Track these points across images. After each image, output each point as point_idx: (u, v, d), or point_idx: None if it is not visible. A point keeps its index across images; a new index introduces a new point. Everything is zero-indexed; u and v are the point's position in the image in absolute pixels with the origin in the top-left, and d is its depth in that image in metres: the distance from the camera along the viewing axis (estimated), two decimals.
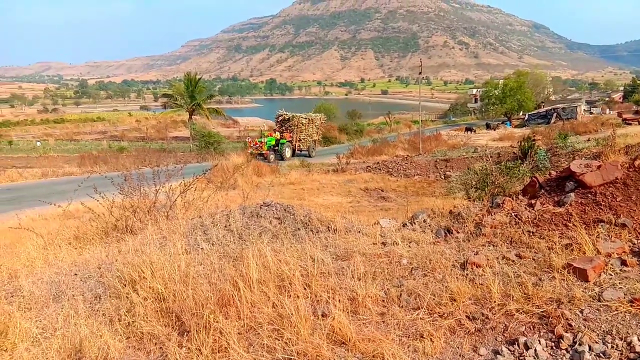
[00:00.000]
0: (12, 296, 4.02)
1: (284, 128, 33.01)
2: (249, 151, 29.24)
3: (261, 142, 30.34)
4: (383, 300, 3.60)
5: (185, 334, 3.25)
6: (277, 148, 31.01)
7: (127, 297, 3.76)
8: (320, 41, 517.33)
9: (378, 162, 23.50)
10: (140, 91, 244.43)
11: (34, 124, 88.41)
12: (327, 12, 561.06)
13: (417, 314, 3.36)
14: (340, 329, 3.13)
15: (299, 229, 5.48)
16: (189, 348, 3.07)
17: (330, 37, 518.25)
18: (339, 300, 3.44)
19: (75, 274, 4.39)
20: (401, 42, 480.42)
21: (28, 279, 4.28)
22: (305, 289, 3.77)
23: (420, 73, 45.76)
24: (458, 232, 4.95)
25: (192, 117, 48.36)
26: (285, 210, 5.96)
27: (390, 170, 20.63)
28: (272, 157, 29.45)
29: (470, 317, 3.30)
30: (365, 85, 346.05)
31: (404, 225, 5.45)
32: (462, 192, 11.24)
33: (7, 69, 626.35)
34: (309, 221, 5.68)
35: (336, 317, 3.19)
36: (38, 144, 54.86)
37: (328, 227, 5.46)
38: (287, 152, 31.14)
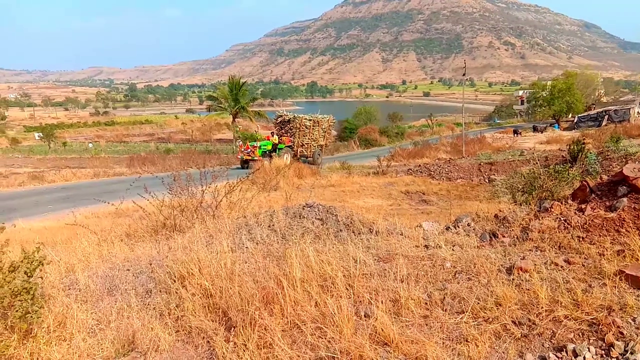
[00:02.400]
0: (70, 289, 4.24)
1: (283, 131, 29.03)
2: (239, 156, 26.36)
3: (253, 147, 26.01)
4: (426, 303, 3.58)
5: (232, 329, 3.35)
6: (274, 154, 26.45)
7: (176, 292, 3.90)
8: (361, 43, 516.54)
9: (419, 165, 23.23)
10: (186, 95, 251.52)
11: (87, 126, 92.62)
12: (369, 14, 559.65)
13: (461, 318, 3.33)
14: (382, 330, 3.14)
15: (341, 230, 5.52)
16: (235, 343, 3.16)
17: (372, 39, 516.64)
18: (382, 301, 3.45)
19: (128, 270, 4.60)
20: (444, 43, 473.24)
21: (84, 273, 4.52)
22: (347, 289, 3.80)
23: (464, 74, 44.95)
24: (504, 237, 4.86)
25: (236, 119, 49.33)
26: (327, 211, 6.01)
27: (432, 173, 20.35)
28: (266, 164, 25.63)
29: (517, 323, 3.24)
30: (407, 87, 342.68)
31: (447, 229, 5.39)
32: (508, 196, 10.97)
33: (62, 73, 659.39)
34: (351, 223, 5.70)
35: (379, 318, 3.20)
36: (90, 145, 57.47)
37: (370, 228, 5.47)
38: (287, 159, 26.16)
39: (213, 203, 7.24)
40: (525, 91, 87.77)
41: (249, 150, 25.86)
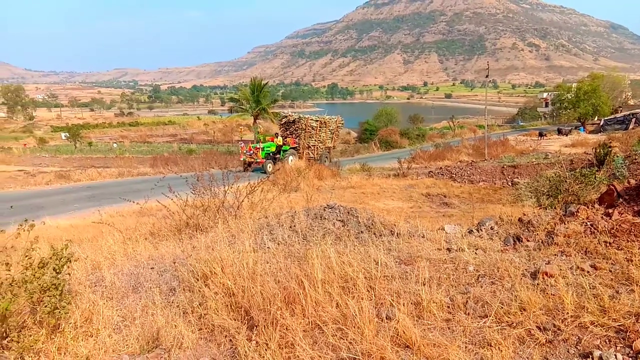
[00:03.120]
0: (96, 286, 4.33)
1: (288, 132, 27.71)
2: (241, 158, 25.26)
3: (256, 148, 24.65)
4: (448, 307, 3.55)
5: (254, 328, 3.37)
6: (278, 156, 25.53)
7: (199, 291, 3.95)
8: (382, 45, 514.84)
9: (441, 168, 23.02)
10: (208, 96, 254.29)
11: (111, 126, 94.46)
12: (391, 15, 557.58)
13: (484, 322, 3.29)
14: (404, 332, 3.13)
15: (362, 231, 5.51)
16: (257, 342, 3.18)
17: (393, 40, 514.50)
18: (403, 304, 3.44)
19: (152, 268, 4.68)
20: (467, 45, 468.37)
21: (110, 270, 4.61)
22: (368, 291, 3.80)
23: (487, 76, 44.37)
24: (528, 241, 4.79)
25: (257, 121, 49.64)
26: (348, 213, 6.01)
27: (454, 175, 20.15)
28: (269, 167, 23.73)
29: (541, 328, 3.19)
30: (428, 89, 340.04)
31: (469, 232, 5.34)
32: (532, 200, 10.79)
33: (88, 75, 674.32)
34: (372, 224, 5.69)
35: (400, 320, 3.19)
36: (115, 145, 58.57)
37: (391, 231, 5.45)
38: (291, 161, 24.95)
39: (235, 203, 7.31)
40: (550, 93, 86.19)
41: (252, 152, 24.65)
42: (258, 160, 24.21)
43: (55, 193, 17.75)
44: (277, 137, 26.04)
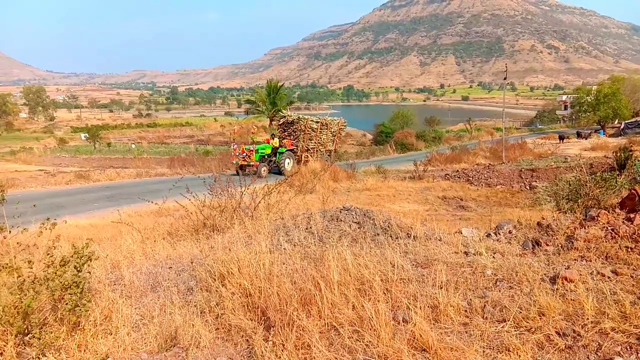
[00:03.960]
0: (115, 284, 4.39)
1: (286, 134, 26.11)
2: (233, 161, 23.60)
3: (249, 151, 22.95)
4: (466, 311, 3.53)
5: (270, 328, 3.39)
6: (274, 159, 23.92)
7: (216, 290, 3.99)
8: (399, 47, 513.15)
9: (457, 170, 22.84)
10: (225, 98, 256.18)
11: (130, 127, 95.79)
12: (408, 17, 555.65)
13: (503, 327, 3.26)
14: (421, 336, 3.11)
15: (378, 234, 5.50)
16: (274, 342, 3.20)
17: (410, 42, 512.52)
18: (420, 307, 3.42)
19: (170, 267, 4.73)
20: (484, 47, 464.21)
21: (129, 269, 4.67)
22: (385, 293, 3.78)
23: (505, 78, 43.93)
24: (547, 245, 4.73)
25: (272, 122, 49.85)
26: (364, 215, 6.00)
27: (470, 178, 19.97)
28: (263, 170, 22.37)
29: (561, 334, 3.15)
30: (445, 91, 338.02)
31: (487, 236, 5.29)
32: (550, 204, 10.64)
33: (107, 76, 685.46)
34: (389, 227, 5.68)
35: (417, 324, 3.18)
36: (133, 146, 59.36)
37: (408, 233, 5.43)
38: (288, 165, 23.70)
39: (251, 204, 7.35)
40: (569, 96, 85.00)
41: (245, 154, 22.95)
42: (251, 164, 22.56)
43: (75, 193, 18.05)
44: (273, 139, 24.45)
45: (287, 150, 24.13)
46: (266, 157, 23.52)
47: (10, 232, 3.78)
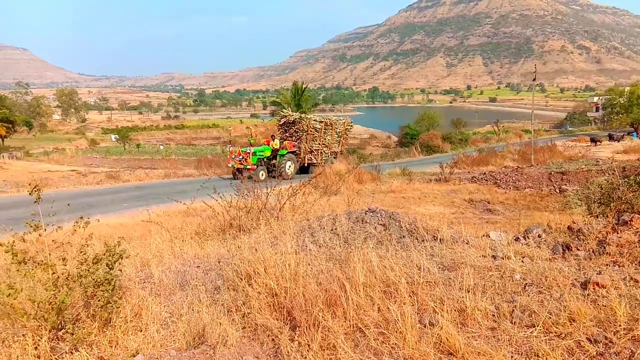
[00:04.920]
0: (145, 282, 4.49)
1: (287, 134, 24.38)
2: (229, 164, 22.23)
3: (246, 153, 21.36)
4: (493, 315, 3.48)
5: (296, 328, 3.41)
6: (274, 162, 22.28)
7: (243, 290, 4.03)
8: (425, 48, 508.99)
9: (484, 173, 22.48)
10: (251, 100, 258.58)
11: (158, 129, 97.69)
12: (434, 18, 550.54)
13: (531, 332, 3.20)
14: (448, 339, 3.08)
15: (404, 236, 5.47)
16: (299, 343, 3.22)
17: (436, 44, 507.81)
18: (447, 310, 3.39)
19: (198, 266, 4.81)
20: (513, 48, 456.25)
21: (158, 268, 4.77)
22: (410, 296, 3.76)
23: (534, 79, 43.01)
24: (578, 250, 4.62)
25: None
26: (390, 217, 5.97)
27: (498, 181, 19.63)
28: (261, 174, 20.87)
29: (592, 340, 3.07)
30: (472, 92, 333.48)
31: (516, 239, 5.20)
32: (581, 207, 10.38)
33: (137, 79, 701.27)
34: (415, 229, 5.64)
35: (444, 327, 3.15)
36: (161, 147, 60.49)
37: (434, 236, 5.38)
38: (289, 168, 22.26)
39: (277, 205, 7.41)
40: (601, 97, 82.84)
41: (241, 157, 21.45)
42: (248, 167, 21.07)
43: (106, 192, 18.50)
44: (273, 140, 22.79)
45: (288, 153, 22.67)
46: (265, 160, 22.09)
47: (45, 230, 3.90)
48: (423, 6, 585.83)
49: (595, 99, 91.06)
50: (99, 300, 3.50)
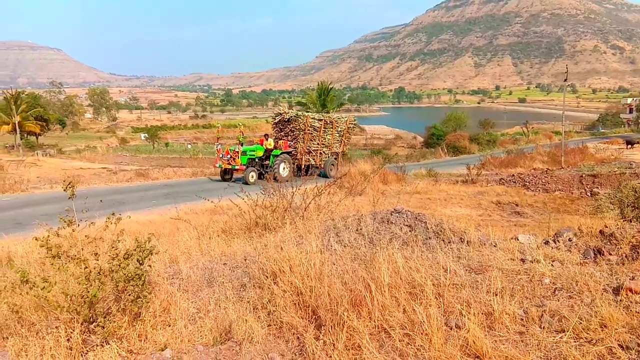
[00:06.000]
0: (173, 278, 4.58)
1: (283, 133, 22.56)
2: (216, 164, 21.00)
3: (235, 152, 19.99)
4: (522, 319, 3.42)
5: (321, 327, 3.43)
6: (267, 163, 20.87)
7: (268, 288, 4.07)
8: (453, 48, 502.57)
9: (513, 175, 22.07)
10: (276, 100, 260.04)
11: (186, 128, 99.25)
12: (463, 18, 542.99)
13: (561, 337, 3.14)
14: (474, 342, 3.05)
15: (430, 237, 5.42)
16: (324, 342, 3.23)
17: (464, 43, 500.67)
18: (474, 313, 3.35)
19: (225, 263, 4.88)
20: (543, 47, 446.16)
21: (186, 264, 4.86)
22: (436, 298, 3.73)
23: (565, 80, 41.99)
24: (610, 254, 4.50)
25: None
26: (416, 218, 5.93)
27: (527, 183, 19.24)
28: (251, 176, 19.56)
29: (624, 347, 2.99)
30: (501, 93, 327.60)
31: (545, 243, 5.09)
32: (614, 211, 10.10)
33: (166, 79, 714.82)
34: (441, 231, 5.58)
35: (471, 330, 3.12)
36: (189, 146, 61.43)
37: (461, 238, 5.32)
38: (284, 170, 20.62)
39: (302, 205, 7.45)
40: (635, 99, 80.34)
41: (229, 156, 20.05)
42: (237, 168, 19.91)
43: (135, 190, 18.89)
44: (267, 139, 21.37)
45: (282, 153, 21.05)
46: (257, 160, 20.70)
47: (78, 225, 4.02)
48: (451, 5, 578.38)
49: (629, 100, 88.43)
50: (129, 295, 3.58)
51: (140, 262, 3.74)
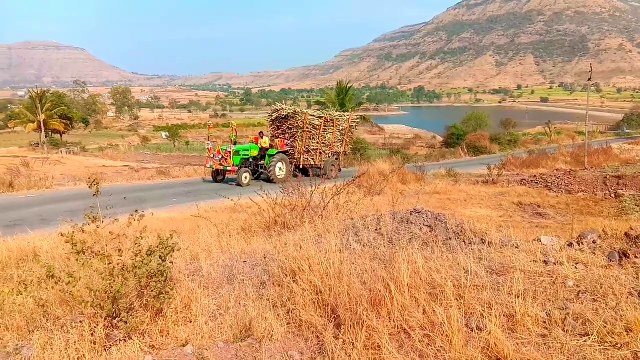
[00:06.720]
0: (194, 275, 4.63)
1: (280, 131, 21.41)
2: (207, 165, 19.99)
3: (227, 152, 18.93)
4: (544, 322, 3.37)
5: (340, 327, 3.43)
6: (262, 162, 19.96)
7: (288, 286, 4.09)
8: (474, 47, 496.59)
9: (534, 176, 21.72)
10: (295, 99, 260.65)
11: (206, 127, 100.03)
12: (484, 16, 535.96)
13: (585, 341, 3.08)
14: (496, 345, 3.02)
15: (450, 238, 5.38)
16: (344, 341, 3.23)
17: (486, 42, 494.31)
18: (495, 315, 3.31)
19: (245, 261, 4.92)
20: (567, 46, 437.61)
21: (206, 261, 4.91)
22: (457, 299, 3.70)
23: (589, 79, 41.16)
24: (636, 257, 4.39)
25: None
26: (436, 218, 5.89)
27: (549, 184, 18.91)
28: (245, 177, 18.65)
29: None
30: (522, 92, 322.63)
31: (569, 245, 5.00)
32: (639, 214, 9.88)
33: (187, 78, 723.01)
34: (461, 231, 5.53)
35: (492, 332, 3.08)
36: (209, 145, 61.81)
37: (482, 239, 5.26)
38: (280, 170, 19.73)
39: (321, 204, 7.46)
40: None
41: (221, 156, 18.99)
42: (228, 168, 18.89)
43: (156, 188, 19.14)
44: (262, 138, 20.34)
45: (278, 152, 20.05)
46: (251, 160, 19.78)
47: (102, 222, 4.09)
48: (472, 4, 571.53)
49: None
50: (152, 291, 3.64)
51: (163, 258, 3.79)
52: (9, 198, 15.51)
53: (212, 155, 19.56)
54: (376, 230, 5.73)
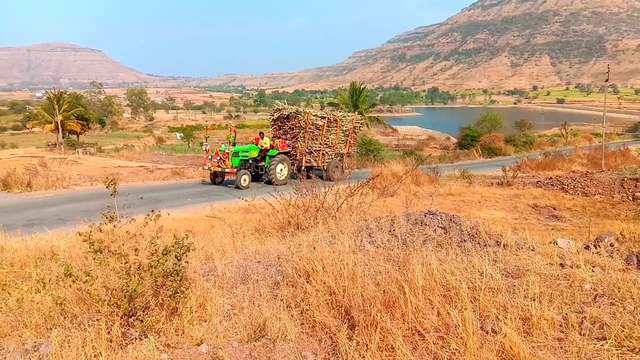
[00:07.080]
0: (209, 275, 4.67)
1: (281, 132, 20.96)
2: (205, 166, 19.42)
3: (224, 153, 18.28)
4: (561, 325, 3.34)
5: (354, 328, 3.43)
6: (262, 164, 19.50)
7: (301, 287, 4.11)
8: (489, 48, 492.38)
9: (550, 177, 21.45)
10: (309, 100, 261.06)
11: (220, 128, 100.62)
12: (499, 17, 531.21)
13: (602, 345, 3.05)
14: (511, 348, 2.99)
15: (464, 240, 5.35)
16: (357, 342, 3.23)
17: (501, 43, 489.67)
18: (510, 318, 3.29)
19: (259, 262, 4.94)
20: (583, 47, 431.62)
21: (221, 261, 4.94)
22: (472, 302, 3.68)
23: (606, 80, 40.55)
24: None
25: None
26: (450, 220, 5.85)
27: (565, 186, 18.67)
28: (244, 179, 18.05)
29: None
30: (538, 93, 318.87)
31: (586, 248, 4.94)
32: None
33: (201, 79, 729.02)
34: (476, 233, 5.49)
35: (507, 335, 3.06)
36: (223, 146, 62.14)
37: (497, 241, 5.22)
38: (281, 172, 19.21)
39: (334, 205, 7.46)
40: None
41: (219, 158, 18.38)
42: (227, 170, 18.29)
43: (171, 188, 19.28)
44: (262, 138, 19.80)
45: (279, 153, 19.49)
46: (250, 161, 19.27)
47: (119, 221, 4.14)
48: (487, 4, 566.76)
49: None
50: (167, 290, 3.67)
51: (178, 258, 3.83)
52: (27, 197, 15.77)
53: (209, 157, 19.05)
54: (390, 231, 5.71)
